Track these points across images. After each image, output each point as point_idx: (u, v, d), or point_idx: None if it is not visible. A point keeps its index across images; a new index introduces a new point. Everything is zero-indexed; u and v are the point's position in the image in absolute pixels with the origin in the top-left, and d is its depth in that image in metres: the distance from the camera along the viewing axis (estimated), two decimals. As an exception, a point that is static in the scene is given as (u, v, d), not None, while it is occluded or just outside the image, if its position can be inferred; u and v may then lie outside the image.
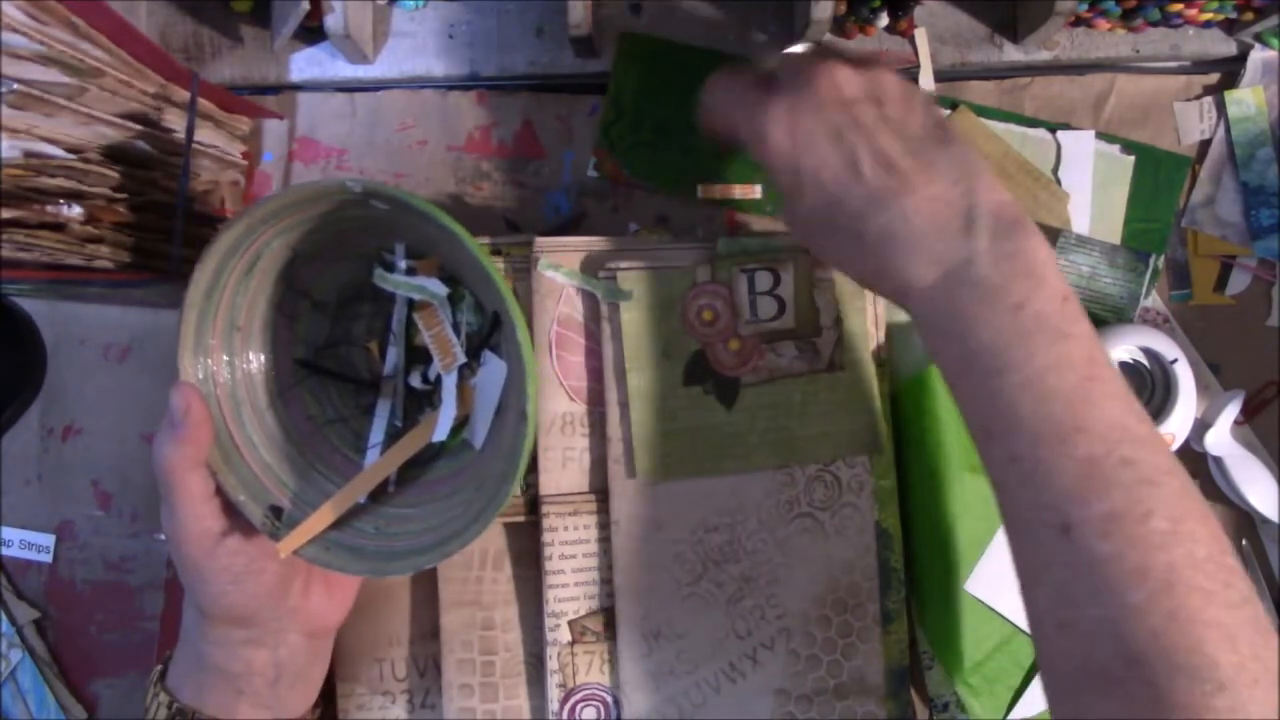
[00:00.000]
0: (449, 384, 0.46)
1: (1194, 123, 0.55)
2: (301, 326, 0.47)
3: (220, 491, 0.42)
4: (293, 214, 0.41)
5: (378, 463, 0.46)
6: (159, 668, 0.45)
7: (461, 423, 0.47)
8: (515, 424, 0.42)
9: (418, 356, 0.48)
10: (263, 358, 0.46)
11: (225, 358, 0.44)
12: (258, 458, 0.44)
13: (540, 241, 0.48)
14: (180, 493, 0.40)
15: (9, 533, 0.54)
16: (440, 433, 0.46)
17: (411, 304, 0.48)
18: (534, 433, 0.40)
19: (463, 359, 0.46)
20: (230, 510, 0.42)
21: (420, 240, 0.46)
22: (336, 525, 0.44)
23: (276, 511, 0.43)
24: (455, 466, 0.47)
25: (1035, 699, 0.49)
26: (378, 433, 0.47)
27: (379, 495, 0.46)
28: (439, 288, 0.46)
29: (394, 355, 0.48)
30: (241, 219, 0.40)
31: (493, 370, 0.46)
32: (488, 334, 0.46)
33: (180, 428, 0.40)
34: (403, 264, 0.47)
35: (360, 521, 0.45)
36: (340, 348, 0.49)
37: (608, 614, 0.48)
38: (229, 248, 0.41)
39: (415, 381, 0.48)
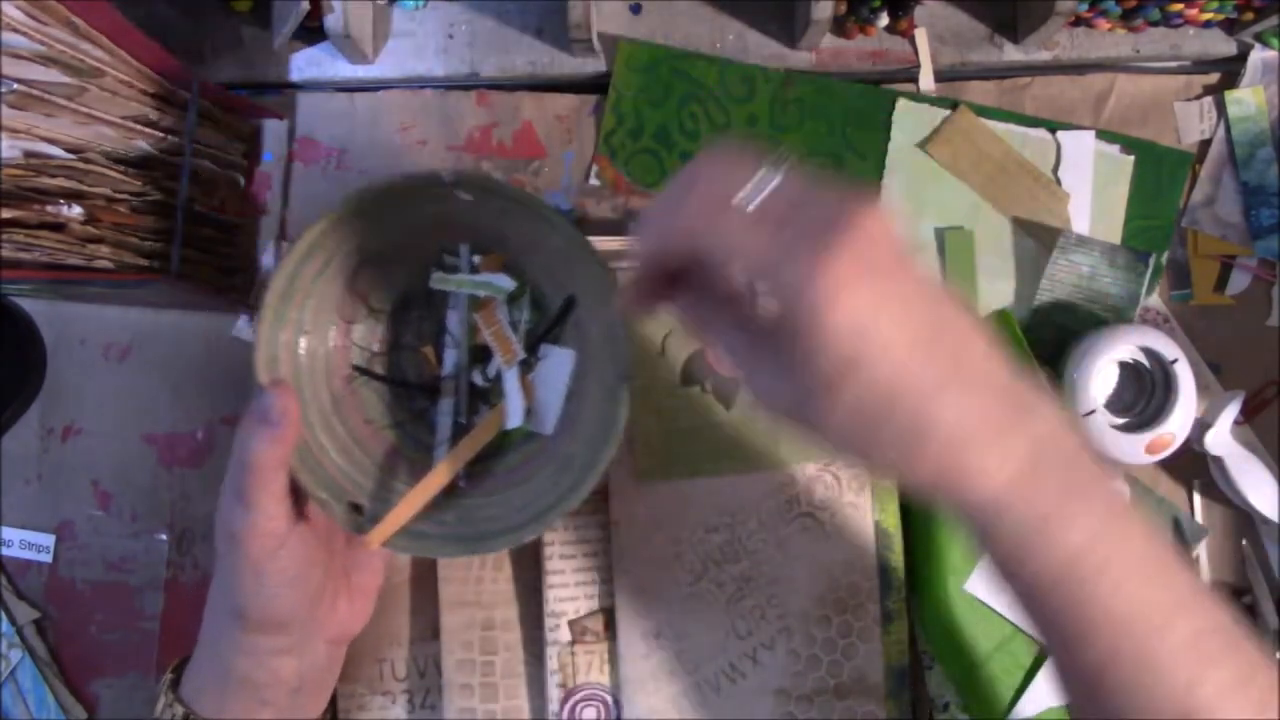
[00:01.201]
0: (511, 377, 0.47)
1: (1194, 123, 0.55)
2: (358, 332, 0.48)
3: (293, 492, 0.42)
4: (377, 208, 0.42)
5: (459, 447, 0.46)
6: (170, 675, 0.44)
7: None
8: (602, 399, 0.43)
9: (472, 356, 0.49)
10: (325, 363, 0.46)
11: (293, 362, 0.44)
12: (329, 459, 0.45)
13: (540, 241, 0.49)
14: (263, 492, 0.40)
15: (9, 533, 0.54)
16: (513, 419, 0.46)
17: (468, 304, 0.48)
18: (629, 396, 0.42)
19: (522, 354, 0.47)
20: (294, 514, 0.42)
21: (488, 235, 0.46)
22: (417, 518, 0.44)
23: (356, 508, 0.44)
24: (525, 455, 0.47)
25: (1035, 699, 0.49)
26: (444, 430, 0.48)
27: (451, 491, 0.46)
28: (505, 282, 0.47)
29: (455, 355, 0.48)
30: (322, 219, 0.41)
31: (557, 360, 0.47)
32: (549, 326, 0.47)
33: (278, 426, 0.40)
34: (471, 260, 0.48)
35: (440, 514, 0.45)
36: (391, 353, 0.49)
37: (608, 614, 0.48)
38: (306, 250, 0.42)
39: (477, 379, 0.48)
